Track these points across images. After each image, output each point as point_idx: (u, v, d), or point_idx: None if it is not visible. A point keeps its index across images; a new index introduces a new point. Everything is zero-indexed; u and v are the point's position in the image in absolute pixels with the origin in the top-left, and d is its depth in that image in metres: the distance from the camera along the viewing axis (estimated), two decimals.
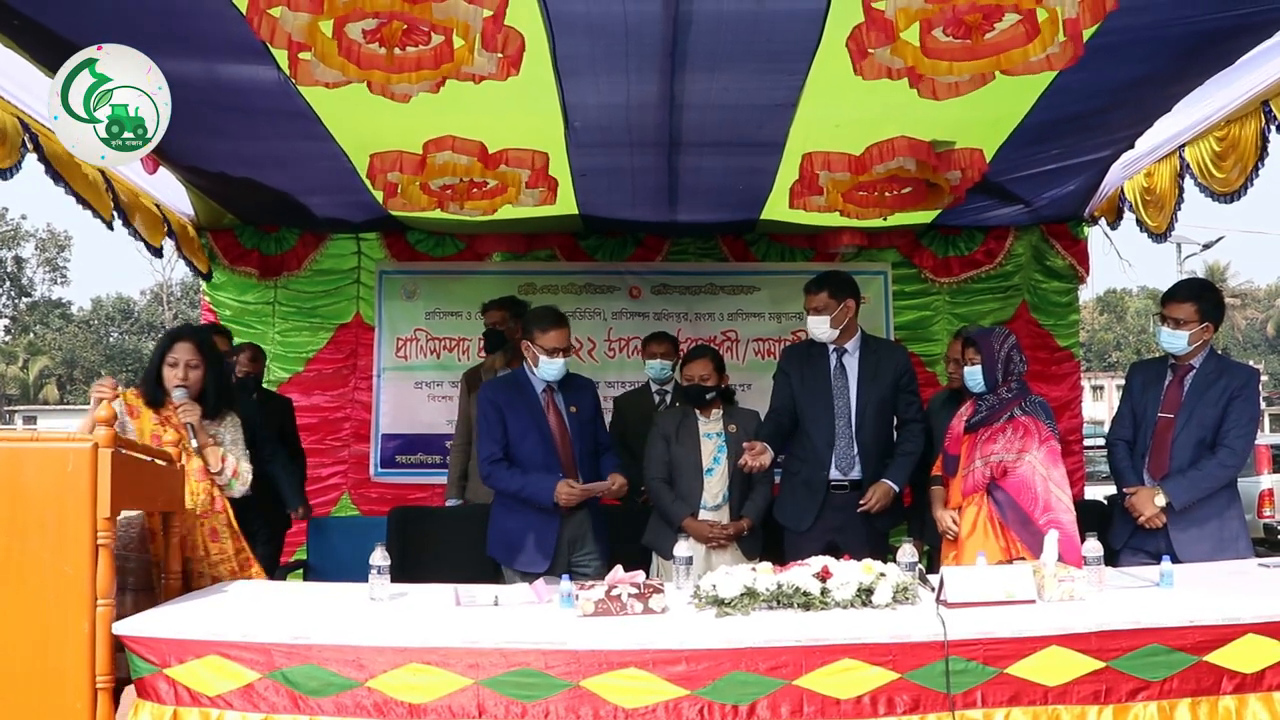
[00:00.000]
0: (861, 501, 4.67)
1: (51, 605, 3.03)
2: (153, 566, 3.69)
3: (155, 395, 3.99)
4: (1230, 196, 4.70)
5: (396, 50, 3.79)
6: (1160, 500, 4.26)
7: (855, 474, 4.71)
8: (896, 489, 4.72)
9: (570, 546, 4.60)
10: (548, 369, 4.60)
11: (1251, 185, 4.57)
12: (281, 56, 3.83)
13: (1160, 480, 4.32)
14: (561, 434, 4.63)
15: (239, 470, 4.01)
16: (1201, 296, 4.40)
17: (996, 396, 4.27)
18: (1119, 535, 4.43)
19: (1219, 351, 4.80)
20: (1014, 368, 4.27)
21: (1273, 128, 4.32)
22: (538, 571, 4.32)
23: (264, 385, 6.24)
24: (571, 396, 4.72)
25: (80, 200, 4.80)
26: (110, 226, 5.10)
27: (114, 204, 5.15)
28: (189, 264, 6.47)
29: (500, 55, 3.78)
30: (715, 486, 4.85)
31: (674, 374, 5.72)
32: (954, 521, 4.30)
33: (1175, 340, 4.37)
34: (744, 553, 4.77)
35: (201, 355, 4.03)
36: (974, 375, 4.29)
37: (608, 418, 5.56)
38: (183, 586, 3.69)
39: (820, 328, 4.73)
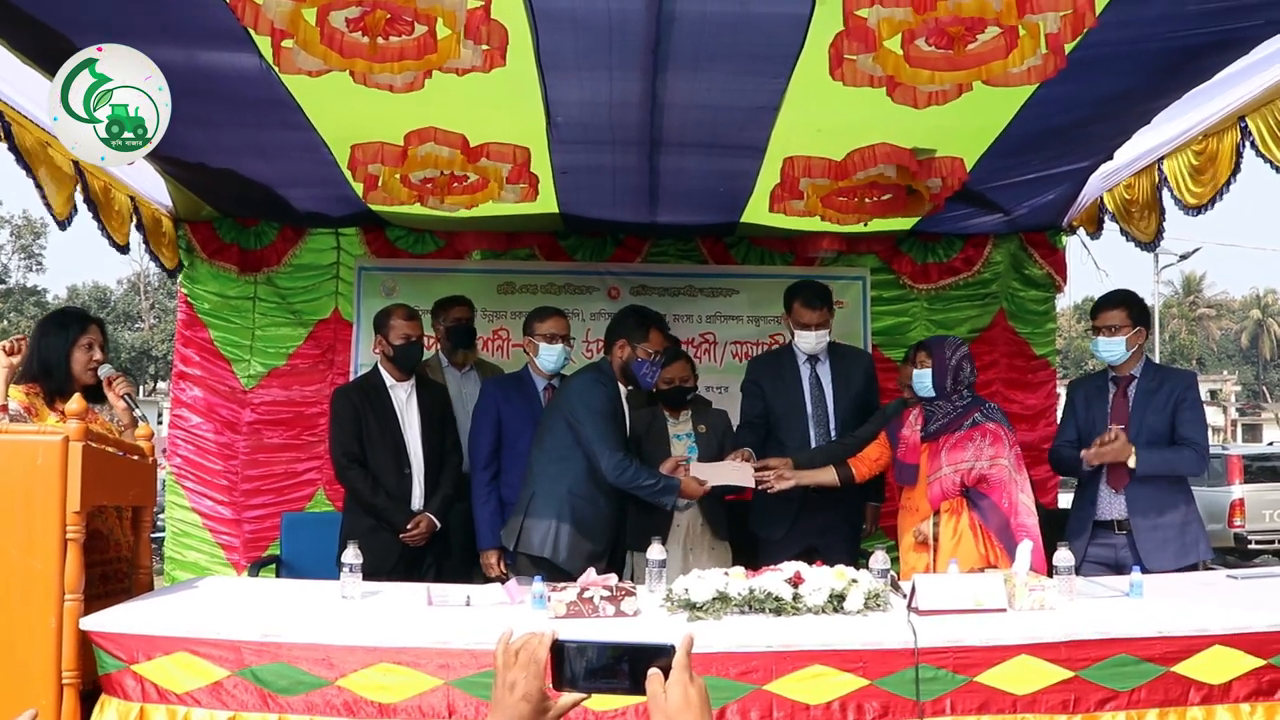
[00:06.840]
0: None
1: (18, 600, 3.02)
2: None
3: (66, 383, 3.83)
4: (1199, 209, 4.79)
5: (379, 39, 3.77)
6: (1131, 462, 4.32)
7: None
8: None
9: None
10: (547, 355, 4.62)
11: (1221, 199, 4.67)
12: (264, 44, 3.80)
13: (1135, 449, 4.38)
14: None
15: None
16: (1129, 302, 4.56)
17: (950, 404, 4.33)
18: (1076, 547, 4.48)
19: (1193, 360, 4.90)
20: (964, 377, 4.35)
21: (1248, 143, 4.37)
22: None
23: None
24: None
25: (41, 196, 4.64)
26: (62, 226, 4.91)
27: (85, 196, 5.06)
28: (154, 258, 6.40)
29: (485, 47, 3.78)
30: None
31: None
32: (917, 534, 4.34)
33: (1114, 347, 4.49)
34: (719, 559, 4.79)
35: (104, 338, 4.03)
36: (923, 378, 4.38)
37: None
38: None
39: (821, 343, 4.82)
